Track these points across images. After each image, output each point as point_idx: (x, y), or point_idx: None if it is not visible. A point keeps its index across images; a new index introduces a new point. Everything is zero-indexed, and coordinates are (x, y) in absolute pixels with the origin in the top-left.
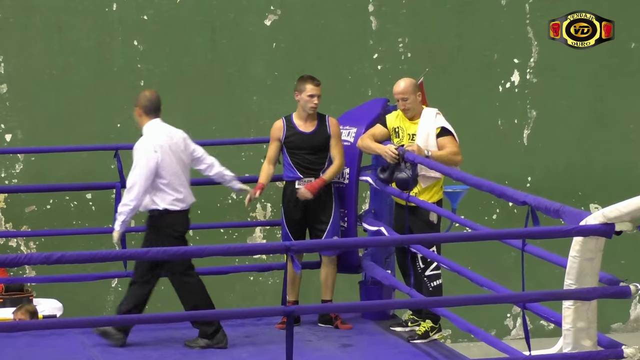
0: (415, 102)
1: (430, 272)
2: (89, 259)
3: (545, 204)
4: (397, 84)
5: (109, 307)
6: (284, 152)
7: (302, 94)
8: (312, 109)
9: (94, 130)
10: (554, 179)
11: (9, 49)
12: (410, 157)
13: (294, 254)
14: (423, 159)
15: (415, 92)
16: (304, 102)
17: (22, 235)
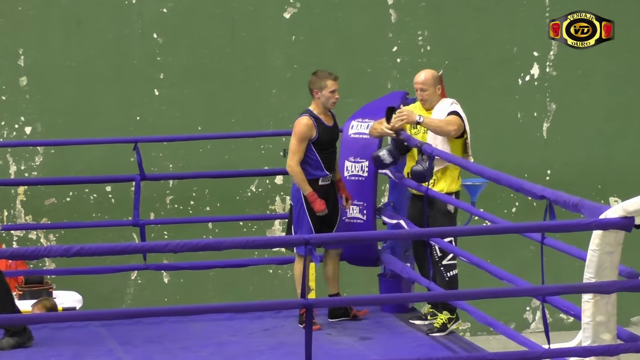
0: (434, 94)
1: (447, 261)
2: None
3: (564, 198)
4: (419, 75)
5: (128, 300)
6: (310, 149)
7: (324, 91)
8: (334, 104)
9: (113, 123)
10: (573, 172)
11: (29, 41)
12: (428, 149)
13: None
14: (440, 152)
15: (436, 84)
16: (325, 99)
17: (41, 227)
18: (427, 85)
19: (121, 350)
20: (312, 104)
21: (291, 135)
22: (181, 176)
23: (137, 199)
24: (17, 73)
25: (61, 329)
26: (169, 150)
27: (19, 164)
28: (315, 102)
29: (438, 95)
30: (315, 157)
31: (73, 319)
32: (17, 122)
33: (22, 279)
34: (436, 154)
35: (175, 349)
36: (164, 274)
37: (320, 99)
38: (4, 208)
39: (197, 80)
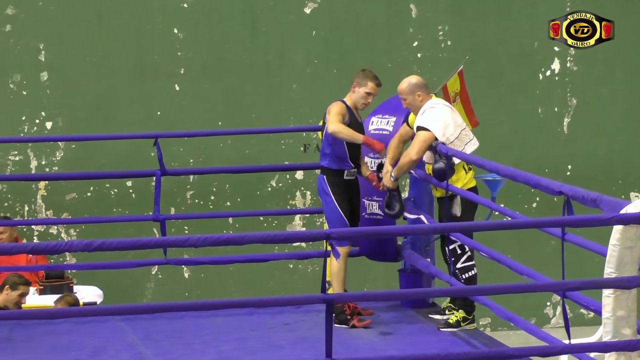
0: (415, 100)
1: (461, 264)
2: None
3: (582, 194)
4: (400, 84)
5: (149, 294)
6: (339, 140)
7: (361, 88)
8: (363, 105)
9: (134, 118)
10: (594, 167)
11: (50, 36)
12: (444, 149)
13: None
14: (455, 151)
15: (414, 92)
16: (358, 97)
17: (62, 222)
18: (404, 95)
19: (142, 344)
20: (347, 96)
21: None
22: (202, 171)
23: (157, 194)
24: (38, 68)
25: (82, 323)
26: (190, 145)
27: (39, 159)
28: (350, 95)
29: (420, 101)
30: (343, 148)
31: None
32: (38, 117)
33: (42, 274)
34: (452, 153)
35: (195, 343)
36: (185, 269)
37: (355, 95)
38: (25, 203)
39: (218, 75)
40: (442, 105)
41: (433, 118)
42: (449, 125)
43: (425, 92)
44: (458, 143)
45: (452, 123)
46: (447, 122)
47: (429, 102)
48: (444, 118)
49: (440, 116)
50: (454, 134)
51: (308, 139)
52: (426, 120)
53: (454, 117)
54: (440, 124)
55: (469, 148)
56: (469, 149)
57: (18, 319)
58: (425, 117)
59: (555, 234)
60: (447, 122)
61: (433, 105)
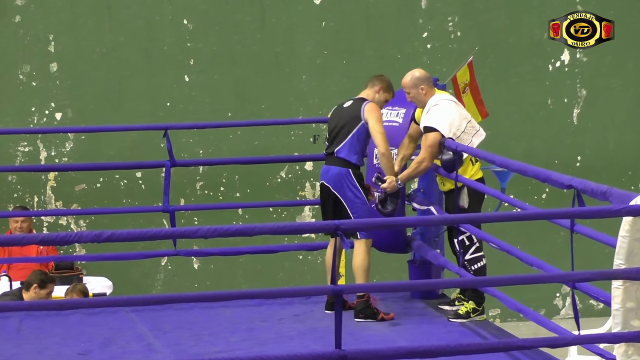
0: (419, 94)
1: (470, 255)
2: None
3: (592, 187)
4: (404, 77)
5: (158, 286)
6: (371, 141)
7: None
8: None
9: (143, 109)
10: (604, 158)
11: (59, 27)
12: (452, 145)
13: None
14: (464, 147)
15: (417, 86)
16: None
17: (72, 213)
18: (408, 88)
19: (151, 335)
20: (365, 94)
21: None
22: (211, 162)
23: (167, 185)
24: (48, 59)
25: (92, 314)
26: (199, 136)
27: (49, 149)
28: (370, 94)
29: (424, 94)
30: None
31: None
32: (47, 108)
33: (52, 265)
34: (461, 149)
35: (205, 334)
36: (194, 260)
37: (377, 96)
38: (35, 194)
39: (227, 66)
40: (445, 101)
41: (438, 116)
42: (454, 120)
43: (429, 85)
44: (465, 137)
45: (457, 118)
46: (453, 118)
47: (432, 99)
48: (449, 114)
49: (444, 113)
50: (460, 129)
51: (318, 130)
52: (431, 119)
53: (458, 110)
54: (446, 121)
55: (476, 140)
56: (476, 140)
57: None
58: (430, 116)
59: (564, 225)
60: (452, 118)
61: (436, 102)
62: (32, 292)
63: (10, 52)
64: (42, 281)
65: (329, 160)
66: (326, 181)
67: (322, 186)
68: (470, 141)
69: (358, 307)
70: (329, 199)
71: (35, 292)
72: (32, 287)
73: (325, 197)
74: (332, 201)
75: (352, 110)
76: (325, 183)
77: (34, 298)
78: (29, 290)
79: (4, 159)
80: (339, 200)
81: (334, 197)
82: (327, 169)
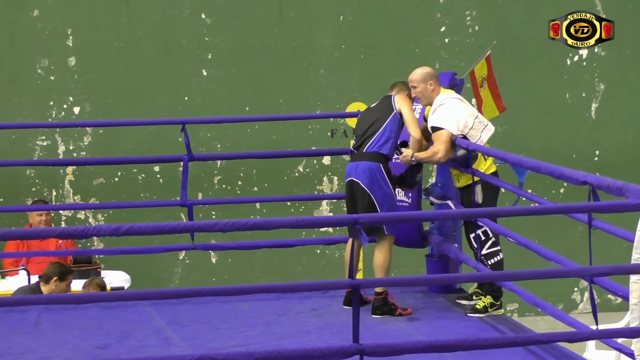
0: (425, 90)
1: (486, 250)
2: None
3: (608, 183)
4: (412, 72)
5: (176, 280)
6: (403, 129)
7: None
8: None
9: (161, 103)
10: (621, 152)
11: (77, 21)
12: (464, 143)
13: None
14: (476, 145)
15: (426, 81)
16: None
17: (90, 207)
18: (415, 83)
19: (169, 329)
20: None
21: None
22: (229, 156)
23: (184, 179)
24: (66, 53)
25: (110, 308)
26: (217, 131)
27: (67, 144)
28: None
29: (431, 90)
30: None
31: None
32: (65, 102)
33: (70, 259)
34: (472, 148)
35: (223, 328)
36: (212, 254)
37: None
38: (53, 188)
39: (245, 60)
40: (450, 100)
41: (444, 115)
42: (461, 117)
43: (437, 83)
44: (473, 133)
45: (463, 115)
46: (459, 116)
47: (438, 98)
48: (455, 112)
49: (450, 112)
50: (467, 125)
51: (335, 124)
52: (438, 119)
53: (464, 107)
54: (452, 119)
55: (485, 135)
56: (486, 135)
57: (45, 304)
58: (437, 116)
59: (582, 220)
60: (458, 115)
61: (441, 102)
62: (52, 284)
63: (28, 46)
64: (61, 273)
65: (356, 157)
66: (356, 177)
67: (350, 183)
68: (480, 137)
69: (375, 303)
70: (358, 195)
71: (56, 285)
72: (52, 280)
73: (354, 194)
74: (362, 197)
75: (382, 105)
76: (355, 179)
77: (54, 291)
78: (49, 283)
79: (22, 153)
80: (370, 197)
81: (363, 193)
82: (356, 165)
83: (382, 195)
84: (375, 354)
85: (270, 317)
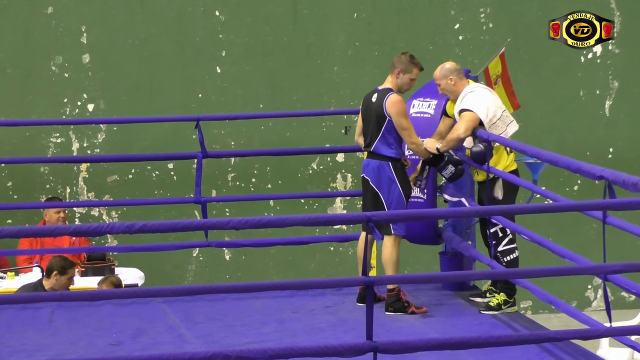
0: (448, 85)
1: (503, 247)
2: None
3: (623, 178)
4: (436, 70)
5: (190, 277)
6: (395, 131)
7: (406, 75)
8: (407, 89)
9: (175, 100)
10: (635, 149)
11: (91, 19)
12: (484, 134)
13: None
14: (496, 136)
15: (447, 76)
16: (403, 83)
17: (104, 204)
18: (438, 80)
19: (183, 326)
20: (388, 82)
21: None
22: (243, 153)
23: (198, 176)
24: (80, 50)
25: (124, 305)
26: (231, 128)
27: (81, 141)
28: (392, 80)
29: (452, 85)
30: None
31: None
32: (79, 100)
33: (84, 256)
34: (492, 139)
35: (236, 326)
36: (226, 251)
37: (399, 80)
38: (67, 185)
39: (259, 57)
40: (481, 89)
41: (474, 101)
42: (491, 106)
43: (458, 76)
44: (500, 124)
45: (493, 104)
46: (489, 104)
47: (468, 87)
48: (485, 100)
49: (481, 99)
50: (496, 115)
51: (349, 122)
52: (468, 103)
53: (493, 98)
54: (483, 105)
55: (510, 129)
56: (511, 130)
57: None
58: (467, 100)
59: (596, 217)
60: (488, 103)
61: (472, 90)
62: (53, 278)
63: (42, 43)
64: (62, 267)
65: (369, 155)
66: (366, 174)
67: (362, 179)
68: (505, 130)
69: (388, 300)
70: (368, 192)
71: (56, 279)
72: (53, 274)
73: (365, 190)
74: (371, 194)
75: (377, 108)
76: (365, 176)
77: (55, 285)
78: (50, 277)
79: (36, 150)
80: (377, 194)
81: (372, 190)
82: (368, 162)
83: (389, 193)
84: (389, 351)
85: (284, 315)
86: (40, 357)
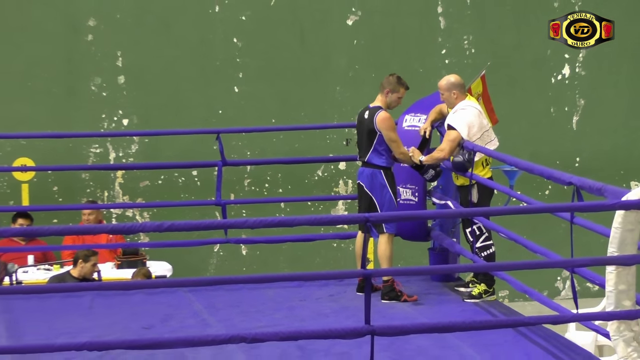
0: (450, 97)
1: (480, 244)
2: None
3: (589, 184)
4: (442, 79)
5: (212, 269)
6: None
7: (394, 95)
8: (395, 106)
9: (198, 116)
10: (600, 159)
11: (126, 45)
12: (470, 145)
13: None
14: (481, 147)
15: (450, 90)
16: (392, 100)
17: (137, 206)
18: (442, 90)
19: (206, 312)
20: (378, 101)
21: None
22: (257, 162)
23: (219, 182)
24: (116, 72)
25: (154, 294)
26: (247, 140)
27: (117, 151)
28: (382, 99)
29: (454, 98)
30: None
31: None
32: (115, 115)
33: (120, 251)
34: (477, 149)
35: (252, 312)
36: (243, 247)
37: (388, 99)
38: (105, 189)
39: (272, 78)
40: (472, 108)
41: (461, 119)
42: (474, 126)
43: (461, 91)
44: (479, 142)
45: (476, 125)
46: (472, 124)
47: (462, 103)
48: (471, 120)
49: (467, 118)
50: (476, 135)
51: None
52: (455, 120)
53: (480, 119)
54: (466, 125)
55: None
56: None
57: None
58: (455, 117)
59: (565, 218)
60: (472, 123)
61: (464, 107)
62: (79, 266)
63: (83, 66)
64: (85, 255)
65: (363, 164)
66: (361, 181)
67: (358, 185)
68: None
69: (384, 290)
70: (363, 196)
71: (82, 267)
72: (79, 263)
73: (361, 194)
74: (366, 198)
75: (368, 124)
76: (361, 182)
77: (80, 271)
78: (77, 266)
79: (78, 159)
80: (371, 197)
81: (367, 195)
82: (362, 170)
83: (381, 196)
84: (385, 334)
85: (293, 302)
86: (82, 338)
